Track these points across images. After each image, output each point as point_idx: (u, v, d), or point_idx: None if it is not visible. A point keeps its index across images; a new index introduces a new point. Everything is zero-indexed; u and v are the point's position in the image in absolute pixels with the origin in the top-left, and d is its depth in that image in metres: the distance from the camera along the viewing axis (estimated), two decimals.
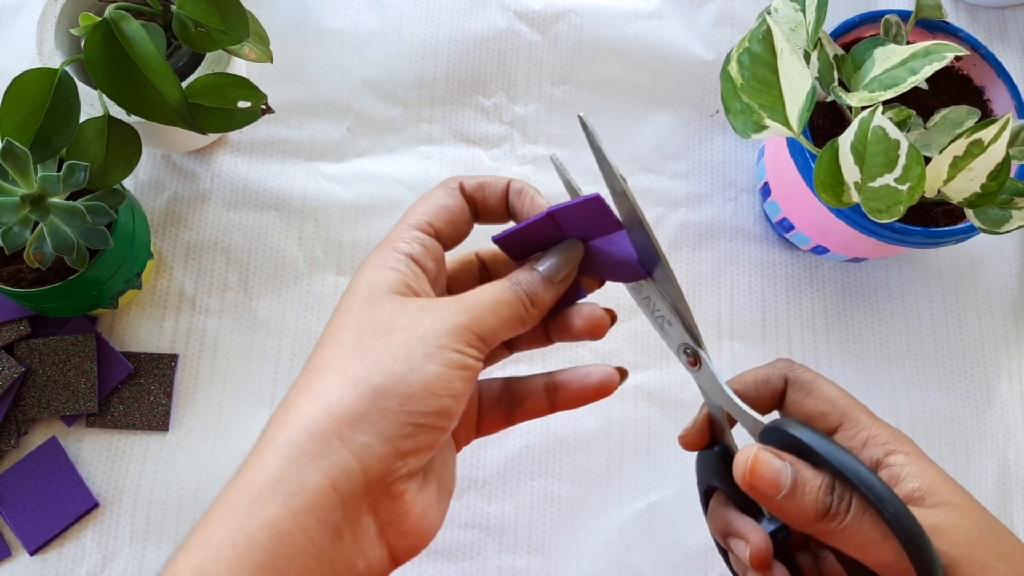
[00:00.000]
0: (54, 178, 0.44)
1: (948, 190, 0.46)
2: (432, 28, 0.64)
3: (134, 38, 0.44)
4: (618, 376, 0.36)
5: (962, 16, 0.68)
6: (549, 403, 0.36)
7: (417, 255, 0.33)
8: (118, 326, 0.56)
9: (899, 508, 0.30)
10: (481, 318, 0.31)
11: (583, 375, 0.36)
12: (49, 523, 0.51)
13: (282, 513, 0.26)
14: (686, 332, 0.36)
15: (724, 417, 0.37)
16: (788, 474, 0.32)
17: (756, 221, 0.61)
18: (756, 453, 0.32)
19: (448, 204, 0.35)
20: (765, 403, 0.38)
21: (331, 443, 0.27)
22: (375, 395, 0.28)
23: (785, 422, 0.33)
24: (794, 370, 0.38)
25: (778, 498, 0.32)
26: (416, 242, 0.33)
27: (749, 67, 0.47)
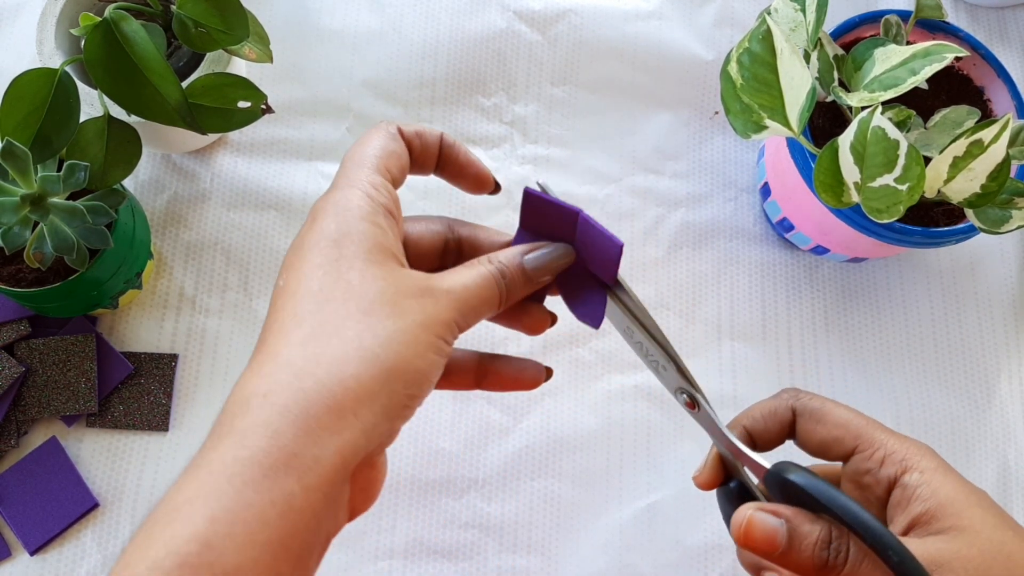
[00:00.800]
0: (54, 178, 0.44)
1: (948, 190, 0.46)
2: (432, 28, 0.64)
3: (134, 38, 0.44)
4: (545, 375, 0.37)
5: (962, 16, 0.68)
6: (475, 381, 0.37)
7: (392, 208, 0.32)
8: (118, 326, 0.56)
9: (904, 555, 0.30)
10: (468, 311, 0.31)
11: (518, 367, 0.37)
12: (49, 523, 0.51)
13: (295, 490, 0.26)
14: (681, 377, 0.36)
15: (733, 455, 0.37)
16: (783, 532, 0.33)
17: (756, 221, 0.61)
18: (750, 516, 0.33)
19: (395, 148, 0.34)
20: (775, 436, 0.38)
21: (347, 419, 0.27)
22: (387, 376, 0.28)
23: (785, 467, 0.34)
24: (800, 399, 0.38)
25: (776, 555, 0.33)
26: (384, 190, 0.32)
27: (749, 67, 0.47)
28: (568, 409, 0.56)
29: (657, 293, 0.58)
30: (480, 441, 0.55)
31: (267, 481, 0.25)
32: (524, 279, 0.33)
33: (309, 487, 0.26)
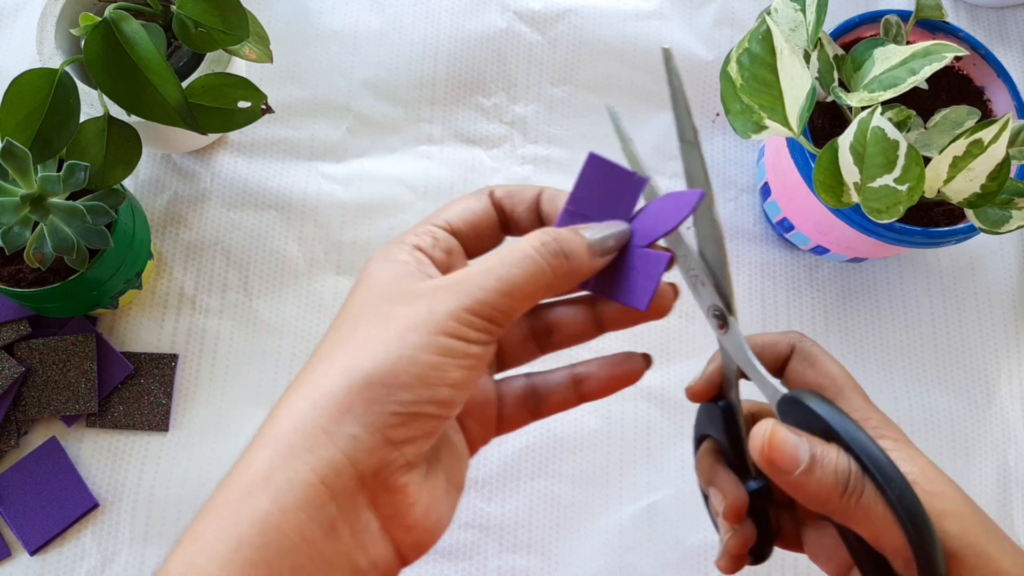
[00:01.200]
0: (54, 178, 0.44)
1: (948, 190, 0.46)
2: (432, 28, 0.64)
3: (134, 38, 0.44)
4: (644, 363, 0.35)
5: (962, 16, 0.68)
6: (577, 395, 0.35)
7: (425, 245, 0.31)
8: (118, 326, 0.56)
9: (905, 490, 0.30)
10: (486, 298, 0.28)
11: (612, 363, 0.35)
12: (49, 523, 0.51)
13: (271, 509, 0.26)
14: (717, 294, 0.35)
15: (735, 375, 0.37)
16: (806, 449, 0.31)
17: (756, 221, 0.61)
18: (773, 427, 0.31)
19: (472, 206, 0.33)
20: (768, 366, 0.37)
21: (316, 437, 0.27)
22: (362, 385, 0.27)
23: (802, 393, 0.33)
24: (803, 341, 0.38)
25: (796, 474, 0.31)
26: (427, 235, 0.32)
27: (749, 67, 0.47)
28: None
29: None
30: None
31: (243, 502, 0.26)
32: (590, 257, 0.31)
33: (285, 506, 0.26)
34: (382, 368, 0.27)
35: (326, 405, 0.27)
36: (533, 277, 0.29)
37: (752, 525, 0.37)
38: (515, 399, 0.36)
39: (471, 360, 0.28)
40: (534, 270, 0.29)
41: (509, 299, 0.29)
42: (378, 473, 0.27)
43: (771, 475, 0.32)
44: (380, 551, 0.28)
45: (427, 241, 0.32)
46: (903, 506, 0.29)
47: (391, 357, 0.27)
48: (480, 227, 0.33)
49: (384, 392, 0.27)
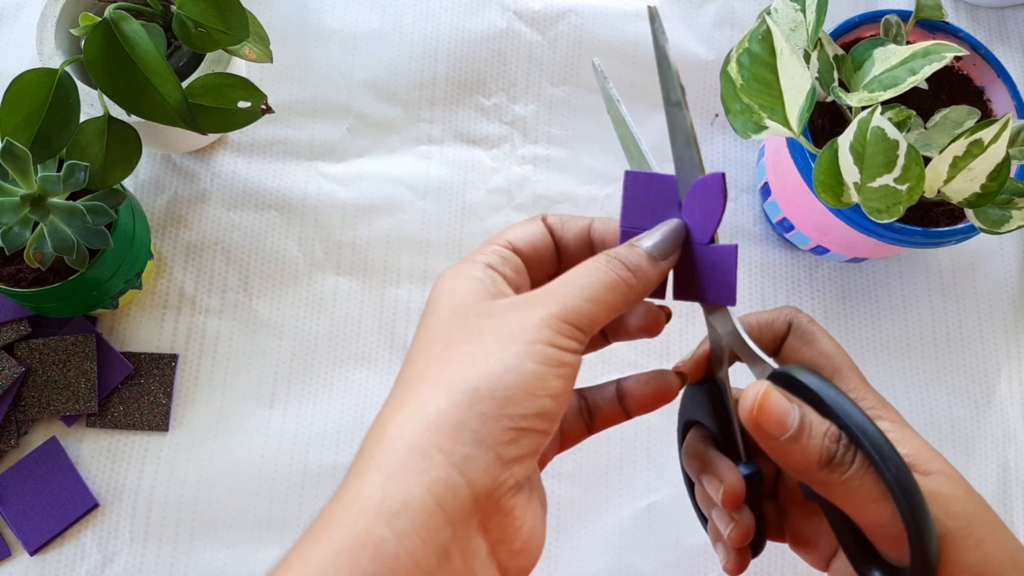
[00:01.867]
0: (54, 178, 0.44)
1: (948, 190, 0.46)
2: (432, 28, 0.64)
3: (134, 38, 0.44)
4: (678, 380, 0.35)
5: (962, 16, 0.68)
6: (624, 410, 0.36)
7: (495, 264, 0.32)
8: (118, 326, 0.56)
9: (902, 469, 0.29)
10: (574, 305, 0.29)
11: (644, 381, 0.35)
12: (49, 523, 0.51)
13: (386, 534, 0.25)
14: None
15: (725, 354, 0.36)
16: (796, 415, 0.30)
17: (756, 221, 0.61)
18: (766, 389, 0.31)
19: (530, 228, 0.34)
20: (765, 346, 0.38)
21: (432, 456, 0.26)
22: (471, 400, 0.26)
23: (794, 368, 0.32)
24: (799, 317, 0.37)
25: (783, 439, 0.30)
26: (494, 254, 0.32)
27: (749, 67, 0.47)
28: None
29: None
30: None
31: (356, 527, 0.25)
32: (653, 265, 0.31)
33: (401, 532, 0.25)
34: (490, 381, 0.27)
35: (438, 423, 0.26)
36: (608, 287, 0.30)
37: (750, 513, 0.36)
38: (573, 415, 0.36)
39: (567, 369, 0.28)
40: (607, 280, 0.30)
41: (593, 305, 0.29)
42: (491, 494, 0.27)
43: (757, 438, 0.31)
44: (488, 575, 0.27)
45: (496, 260, 0.32)
46: (899, 485, 0.29)
47: (496, 370, 0.27)
48: (540, 250, 0.34)
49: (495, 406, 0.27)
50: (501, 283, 0.31)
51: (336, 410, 0.55)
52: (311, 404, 0.55)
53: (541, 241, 0.34)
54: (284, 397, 0.55)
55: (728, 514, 0.36)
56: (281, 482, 0.53)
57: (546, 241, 0.34)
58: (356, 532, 0.25)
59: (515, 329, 0.28)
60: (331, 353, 0.56)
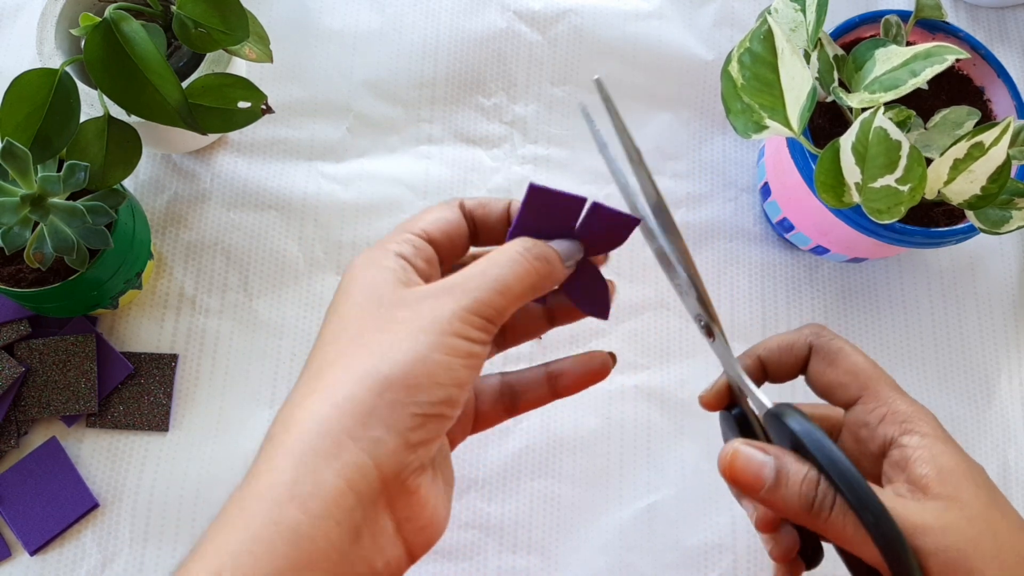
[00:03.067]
0: (54, 178, 0.44)
1: (948, 191, 0.46)
2: (432, 28, 0.64)
3: (134, 38, 0.44)
4: (611, 361, 0.37)
5: (962, 16, 0.68)
6: (551, 391, 0.37)
7: (407, 254, 0.32)
8: (118, 326, 0.56)
9: (879, 515, 0.30)
10: (485, 298, 0.30)
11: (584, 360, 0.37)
12: (49, 523, 0.51)
13: (300, 517, 0.26)
14: (700, 305, 0.36)
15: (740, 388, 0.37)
16: (771, 467, 0.32)
17: (756, 221, 0.61)
18: (736, 449, 0.33)
19: (445, 215, 0.34)
20: (788, 369, 0.38)
21: (342, 442, 0.27)
22: (383, 387, 0.27)
23: (783, 410, 0.33)
24: (821, 337, 0.37)
25: (762, 492, 0.32)
26: (407, 243, 0.33)
27: (750, 67, 0.47)
28: (568, 409, 0.56)
29: (657, 293, 0.58)
30: (480, 441, 0.55)
31: (272, 512, 0.26)
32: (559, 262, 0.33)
33: (315, 515, 0.26)
34: (400, 369, 0.28)
35: (350, 409, 0.27)
36: (521, 278, 0.31)
37: (791, 531, 0.37)
38: (491, 397, 0.37)
39: (474, 360, 0.29)
40: (521, 272, 0.31)
41: (503, 298, 0.30)
42: (398, 476, 0.28)
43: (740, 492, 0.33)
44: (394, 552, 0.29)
45: (408, 250, 0.32)
46: (879, 531, 0.30)
47: (407, 359, 0.28)
48: (453, 236, 0.34)
49: (403, 394, 0.28)
50: (412, 274, 0.32)
51: None
52: None
53: (456, 229, 0.34)
54: (284, 397, 0.55)
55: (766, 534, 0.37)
56: None
57: (460, 228, 0.35)
58: (271, 517, 0.26)
59: (427, 321, 0.29)
60: None
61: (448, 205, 0.35)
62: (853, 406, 0.36)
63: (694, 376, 0.57)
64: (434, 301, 0.30)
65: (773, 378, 0.39)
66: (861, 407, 0.35)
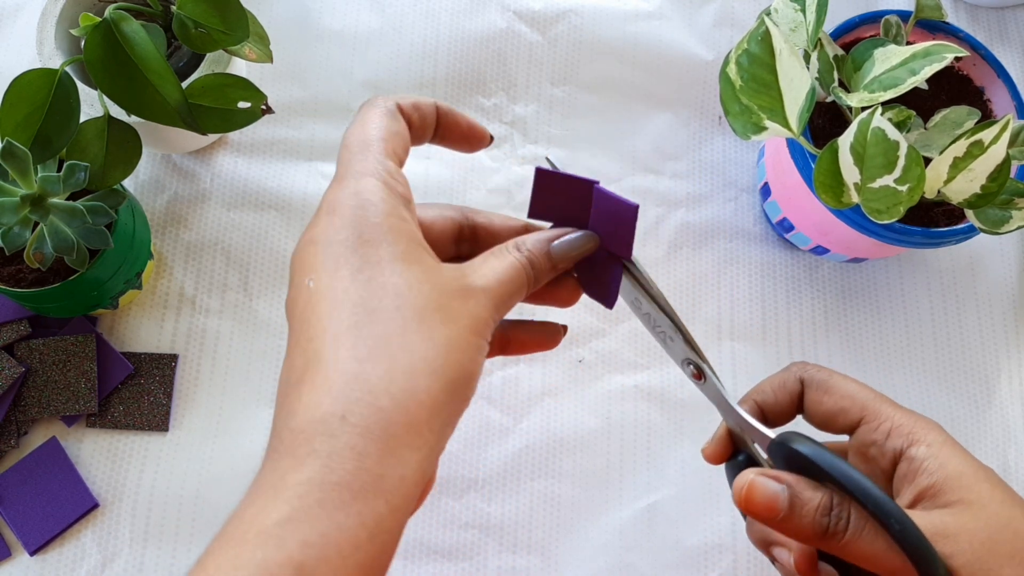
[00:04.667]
0: (54, 178, 0.44)
1: (948, 191, 0.46)
2: (432, 28, 0.64)
3: (134, 38, 0.44)
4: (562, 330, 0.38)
5: (962, 16, 0.68)
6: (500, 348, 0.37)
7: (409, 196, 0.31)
8: (118, 326, 0.56)
9: (905, 523, 0.30)
10: (502, 307, 0.31)
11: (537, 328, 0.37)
12: (49, 523, 0.51)
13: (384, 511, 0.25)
14: (688, 347, 0.36)
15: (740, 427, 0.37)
16: (784, 498, 0.32)
17: (756, 221, 0.61)
18: (751, 480, 0.33)
19: (398, 129, 0.32)
20: (786, 408, 0.38)
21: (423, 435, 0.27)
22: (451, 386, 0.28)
23: (789, 436, 0.34)
24: (807, 371, 0.38)
25: (777, 520, 0.32)
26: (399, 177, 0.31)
27: (748, 68, 0.47)
28: (568, 409, 0.56)
29: None
30: (480, 441, 0.55)
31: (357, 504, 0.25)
32: (550, 266, 0.33)
33: (396, 507, 0.26)
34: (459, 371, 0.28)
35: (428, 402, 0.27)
36: (520, 288, 0.32)
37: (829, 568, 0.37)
38: None
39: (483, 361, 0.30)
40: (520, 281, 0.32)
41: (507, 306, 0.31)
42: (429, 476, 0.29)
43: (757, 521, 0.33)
44: None
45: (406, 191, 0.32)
46: (905, 539, 0.30)
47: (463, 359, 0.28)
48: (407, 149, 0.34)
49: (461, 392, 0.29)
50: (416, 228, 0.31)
51: None
52: None
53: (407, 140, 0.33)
54: None
55: None
56: None
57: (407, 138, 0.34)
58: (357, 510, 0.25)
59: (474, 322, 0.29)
60: None
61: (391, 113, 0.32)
62: (856, 430, 0.36)
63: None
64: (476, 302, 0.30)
65: (772, 421, 0.39)
66: (865, 427, 0.36)
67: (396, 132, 0.32)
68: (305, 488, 0.25)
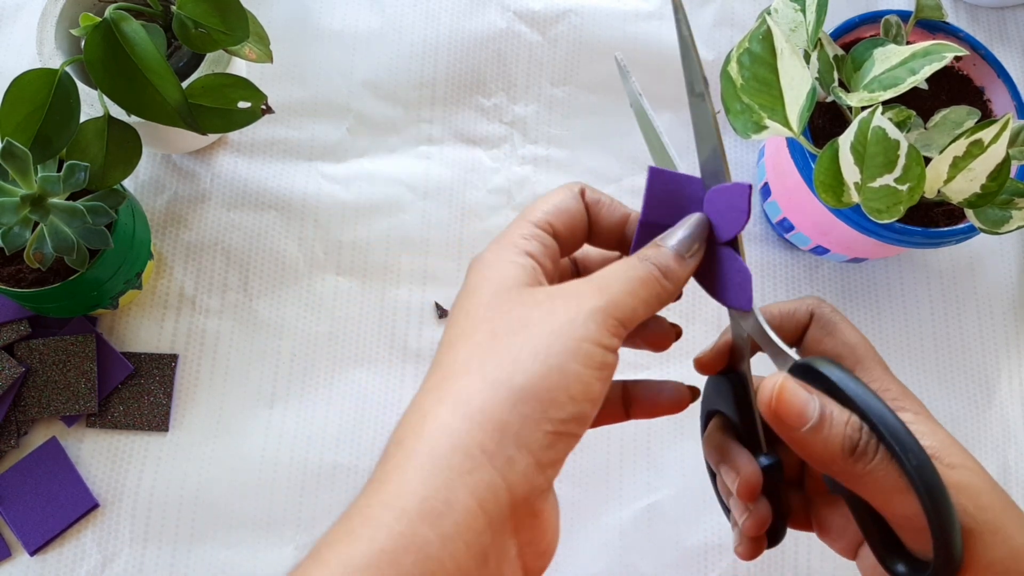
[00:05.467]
0: (54, 178, 0.44)
1: (948, 190, 0.46)
2: (432, 28, 0.64)
3: (134, 38, 0.44)
4: (689, 395, 0.36)
5: (962, 16, 0.68)
6: (625, 412, 0.36)
7: (536, 253, 0.31)
8: (118, 326, 0.56)
9: (923, 461, 0.28)
10: (618, 299, 0.28)
11: (656, 390, 0.35)
12: (49, 523, 0.51)
13: (430, 536, 0.24)
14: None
15: (747, 345, 0.36)
16: (815, 406, 0.30)
17: (756, 221, 0.61)
18: (783, 381, 0.30)
19: (570, 207, 0.33)
20: (787, 336, 0.37)
21: (475, 457, 0.25)
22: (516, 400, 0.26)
23: (816, 359, 0.32)
24: (821, 307, 0.37)
25: (803, 430, 0.30)
26: (535, 239, 0.31)
27: (749, 67, 0.47)
28: None
29: None
30: None
31: (399, 526, 0.24)
32: (675, 256, 0.31)
33: (445, 534, 0.24)
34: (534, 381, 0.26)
35: (482, 421, 0.26)
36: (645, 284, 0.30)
37: (767, 504, 0.36)
38: None
39: (607, 371, 0.28)
40: (644, 277, 0.30)
41: (634, 300, 0.29)
42: (527, 498, 0.26)
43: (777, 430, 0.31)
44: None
45: (537, 248, 0.31)
46: (921, 477, 0.28)
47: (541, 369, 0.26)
48: (575, 230, 0.33)
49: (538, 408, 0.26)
50: (540, 275, 0.30)
51: (336, 410, 0.55)
52: (311, 404, 0.55)
53: (578, 222, 0.33)
54: (284, 397, 0.55)
55: (743, 504, 0.36)
56: (281, 482, 0.53)
57: (582, 222, 0.33)
58: (399, 531, 0.24)
59: (562, 323, 0.27)
60: (331, 353, 0.56)
61: (570, 192, 0.33)
62: None
63: (694, 376, 0.57)
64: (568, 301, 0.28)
65: None
66: None
67: (564, 209, 0.33)
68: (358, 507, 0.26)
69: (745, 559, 0.37)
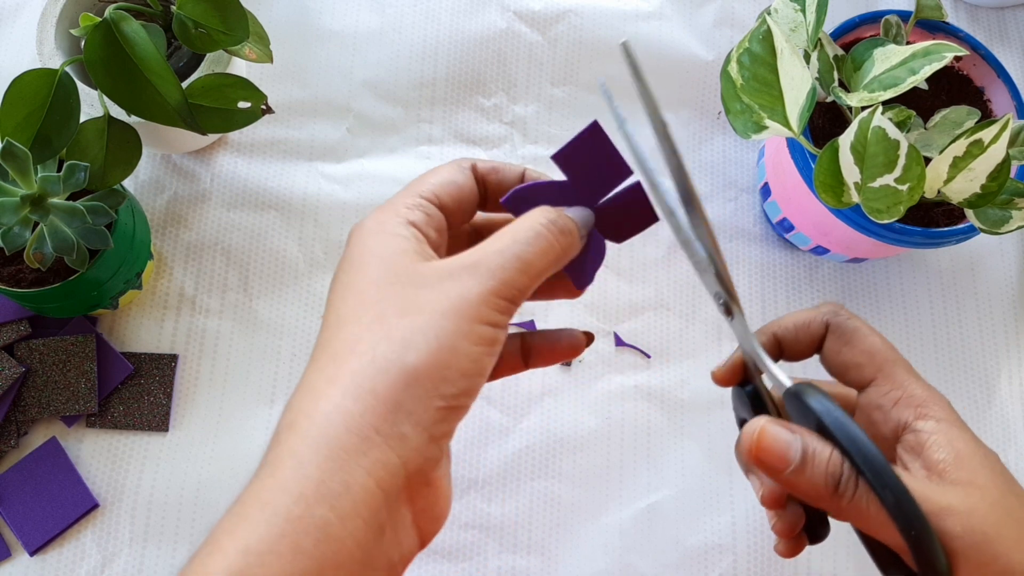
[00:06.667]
0: (54, 178, 0.44)
1: (948, 190, 0.46)
2: (432, 28, 0.64)
3: (134, 38, 0.44)
4: (584, 340, 0.36)
5: (962, 16, 0.68)
6: (524, 363, 0.36)
7: (419, 222, 0.31)
8: (118, 326, 0.56)
9: (900, 494, 0.29)
10: (509, 278, 0.29)
11: (554, 339, 0.36)
12: (49, 523, 0.51)
13: (329, 517, 0.25)
14: (719, 282, 0.35)
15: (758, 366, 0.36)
16: (797, 448, 0.31)
17: (756, 221, 0.61)
18: (763, 426, 0.31)
19: (457, 180, 0.33)
20: (804, 348, 0.37)
21: (370, 438, 0.26)
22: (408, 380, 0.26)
23: (804, 389, 0.32)
24: (838, 316, 0.37)
25: (787, 473, 0.31)
26: (419, 209, 0.31)
27: (749, 67, 0.47)
28: (568, 409, 0.56)
29: (657, 293, 0.58)
30: (480, 441, 0.55)
31: (297, 509, 0.25)
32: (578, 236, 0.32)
33: (344, 514, 0.25)
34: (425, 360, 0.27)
35: (375, 403, 0.26)
36: (544, 254, 0.30)
37: (797, 508, 0.36)
38: None
39: (496, 346, 0.29)
40: (545, 247, 0.30)
41: (527, 277, 0.29)
42: (422, 470, 0.27)
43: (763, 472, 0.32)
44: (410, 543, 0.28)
45: (420, 217, 0.31)
46: (900, 511, 0.29)
47: (432, 348, 0.27)
48: (463, 202, 0.33)
49: (429, 386, 0.27)
50: (425, 245, 0.31)
51: None
52: None
53: (467, 194, 0.33)
54: (284, 397, 0.55)
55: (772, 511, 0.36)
56: None
57: (471, 193, 0.33)
58: (297, 514, 0.25)
59: (452, 304, 0.28)
60: None
61: (459, 167, 0.33)
62: (867, 388, 0.35)
63: (694, 376, 0.57)
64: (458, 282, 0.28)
65: (788, 356, 0.38)
66: (875, 389, 0.35)
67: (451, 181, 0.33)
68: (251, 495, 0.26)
69: (784, 557, 0.37)
